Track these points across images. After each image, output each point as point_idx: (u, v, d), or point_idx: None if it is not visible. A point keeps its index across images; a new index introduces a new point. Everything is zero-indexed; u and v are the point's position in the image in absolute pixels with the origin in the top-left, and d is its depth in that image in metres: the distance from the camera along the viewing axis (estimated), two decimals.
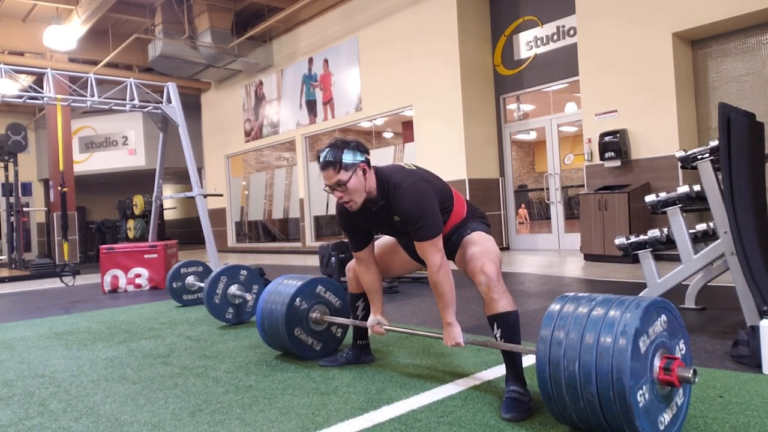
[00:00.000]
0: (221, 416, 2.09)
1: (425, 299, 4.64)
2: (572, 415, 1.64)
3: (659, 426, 1.58)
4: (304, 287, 2.77)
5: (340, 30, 10.76)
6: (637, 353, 1.52)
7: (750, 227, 2.65)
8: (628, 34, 6.82)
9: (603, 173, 7.13)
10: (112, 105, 7.10)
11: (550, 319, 1.71)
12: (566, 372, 1.59)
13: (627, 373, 1.48)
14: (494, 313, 2.10)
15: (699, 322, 3.26)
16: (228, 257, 11.81)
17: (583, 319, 1.63)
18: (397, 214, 2.18)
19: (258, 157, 13.99)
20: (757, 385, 2.14)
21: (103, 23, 11.76)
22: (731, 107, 2.68)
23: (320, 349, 2.83)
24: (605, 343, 1.54)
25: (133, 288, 6.46)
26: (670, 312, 1.68)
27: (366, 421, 1.97)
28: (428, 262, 2.15)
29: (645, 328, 1.56)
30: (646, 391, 1.54)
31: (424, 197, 2.13)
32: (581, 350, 1.58)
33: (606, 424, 1.56)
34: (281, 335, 2.73)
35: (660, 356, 1.59)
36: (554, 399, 1.65)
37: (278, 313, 2.73)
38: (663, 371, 1.57)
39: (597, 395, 1.53)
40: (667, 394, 1.62)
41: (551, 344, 1.66)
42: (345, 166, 2.12)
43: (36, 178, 17.31)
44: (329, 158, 2.12)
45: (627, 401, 1.48)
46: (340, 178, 2.12)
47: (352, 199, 2.17)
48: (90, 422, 2.11)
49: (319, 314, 2.80)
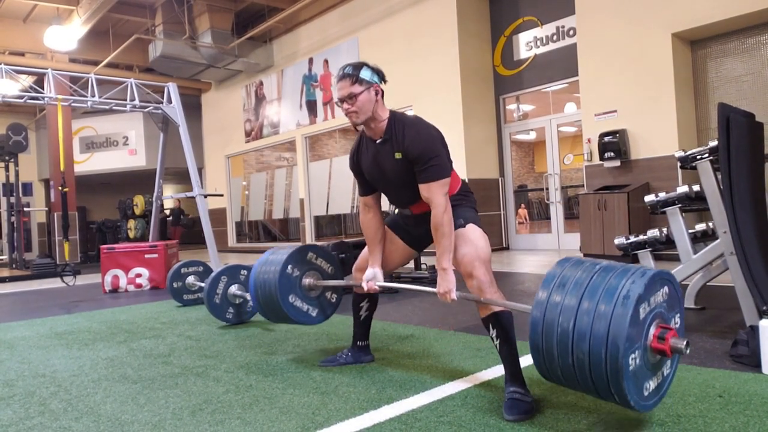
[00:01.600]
0: (222, 416, 2.10)
1: (425, 299, 4.64)
2: (557, 371, 1.64)
3: (644, 392, 1.60)
4: (294, 254, 2.76)
5: (341, 30, 10.77)
6: (636, 318, 1.54)
7: (749, 227, 2.66)
8: (628, 35, 6.82)
9: (602, 173, 7.13)
10: (112, 105, 7.11)
11: (551, 277, 1.72)
12: (560, 328, 1.60)
13: (623, 335, 1.49)
14: (488, 314, 2.11)
15: (698, 322, 3.27)
16: (228, 257, 11.82)
17: (585, 282, 1.64)
18: (408, 151, 2.17)
19: (258, 157, 14.00)
20: (756, 384, 2.14)
21: (104, 24, 11.76)
22: (730, 107, 2.68)
23: (316, 315, 2.81)
24: (605, 305, 1.55)
25: (134, 288, 6.47)
26: (672, 285, 1.71)
27: (366, 420, 1.97)
28: (434, 203, 2.14)
29: (647, 296, 1.58)
30: (638, 356, 1.56)
31: (435, 138, 2.19)
32: (579, 309, 1.59)
33: (591, 384, 1.57)
34: (276, 304, 2.69)
35: (656, 325, 1.62)
36: (542, 353, 1.65)
37: (271, 281, 2.70)
38: (657, 339, 1.59)
39: (588, 353, 1.54)
40: (656, 363, 1.65)
41: (549, 300, 1.66)
42: (360, 80, 2.19)
43: (37, 178, 17.32)
44: (348, 71, 2.21)
45: (618, 362, 1.49)
46: (353, 90, 2.19)
47: (358, 114, 2.21)
48: (90, 422, 2.12)
49: (312, 280, 2.78)
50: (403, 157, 2.19)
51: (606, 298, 1.56)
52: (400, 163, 2.21)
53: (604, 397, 1.61)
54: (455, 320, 3.68)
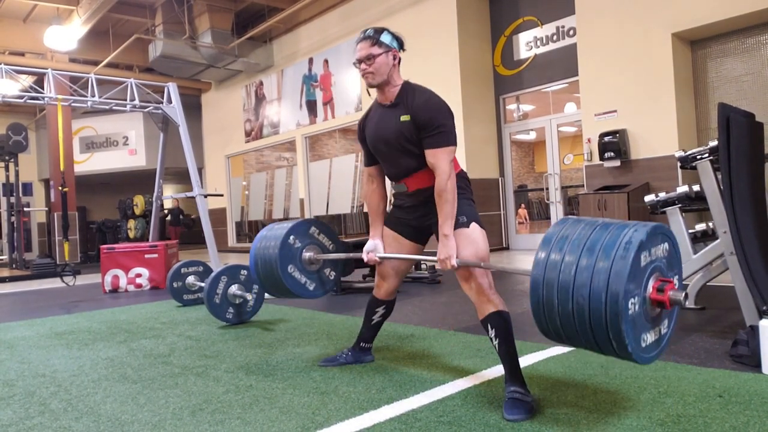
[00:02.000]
0: (222, 416, 2.10)
1: (425, 299, 4.65)
2: (556, 320, 1.63)
3: (641, 342, 1.60)
4: (297, 226, 2.77)
5: (340, 30, 10.77)
6: (637, 265, 1.55)
7: (749, 227, 2.66)
8: (628, 35, 6.82)
9: (602, 173, 7.13)
10: (112, 105, 7.11)
11: (557, 226, 1.74)
12: (561, 276, 1.61)
13: (624, 278, 1.50)
14: (486, 315, 2.11)
15: (698, 322, 3.27)
16: (228, 257, 11.82)
17: (587, 234, 1.66)
18: (417, 115, 2.20)
19: (258, 157, 14.00)
20: (756, 384, 2.14)
21: (104, 23, 11.76)
22: (730, 107, 2.68)
23: (313, 289, 2.79)
24: (607, 252, 1.57)
25: (134, 288, 6.47)
26: (672, 244, 1.72)
27: (366, 420, 1.97)
28: (439, 169, 2.16)
29: (649, 245, 1.60)
30: (637, 303, 1.57)
31: (447, 110, 2.23)
32: (580, 259, 1.60)
33: (590, 331, 1.57)
34: (275, 273, 2.68)
35: (655, 278, 1.63)
36: (543, 303, 1.64)
37: (272, 249, 2.69)
38: (656, 291, 1.61)
39: (588, 297, 1.54)
40: (655, 317, 1.65)
41: (551, 253, 1.67)
42: (380, 43, 2.26)
43: (37, 178, 17.32)
44: (369, 32, 2.29)
45: (618, 305, 1.49)
46: (371, 52, 2.25)
47: (374, 76, 2.28)
48: (90, 422, 2.12)
49: (312, 254, 2.77)
50: (411, 120, 2.22)
51: (608, 245, 1.59)
52: (405, 126, 2.23)
53: (602, 347, 1.59)
54: (455, 320, 3.68)
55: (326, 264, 2.85)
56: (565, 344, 1.73)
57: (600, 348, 1.61)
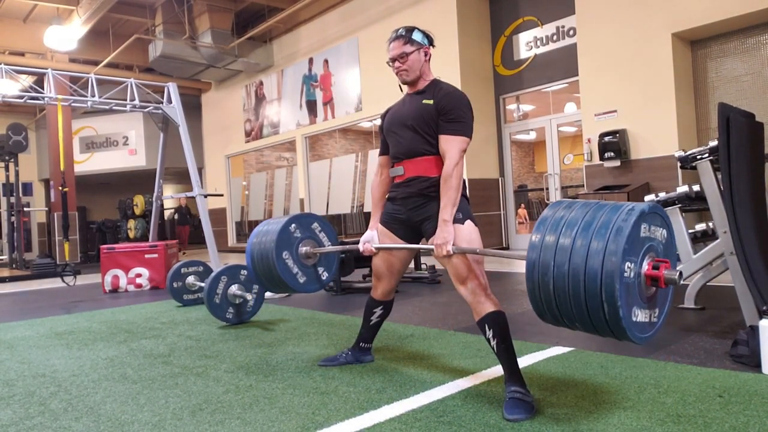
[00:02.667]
0: (222, 416, 2.10)
1: (425, 299, 4.65)
2: (550, 285, 1.62)
3: (632, 315, 1.59)
4: (301, 216, 2.79)
5: (340, 30, 10.77)
6: (637, 232, 1.57)
7: (749, 227, 2.66)
8: (628, 35, 6.82)
9: (602, 173, 7.13)
10: (112, 105, 7.11)
11: (554, 206, 1.76)
12: (560, 239, 1.63)
13: (624, 236, 1.52)
14: (482, 316, 2.11)
15: (698, 322, 3.27)
16: (228, 257, 11.82)
17: (590, 205, 1.68)
18: (441, 101, 2.25)
19: (258, 157, 14.00)
20: (756, 384, 2.14)
21: (104, 23, 11.76)
22: (730, 107, 2.68)
23: (303, 282, 2.77)
24: (610, 214, 1.59)
25: (134, 288, 6.47)
26: (670, 234, 1.74)
27: (366, 420, 1.98)
28: (449, 155, 2.22)
29: (649, 219, 1.62)
30: (633, 270, 1.57)
31: (469, 107, 2.29)
32: (582, 222, 1.62)
33: (583, 292, 1.56)
34: (269, 257, 2.67)
35: (651, 257, 1.64)
36: (539, 267, 1.64)
37: (271, 235, 2.70)
38: (651, 268, 1.62)
39: (586, 257, 1.55)
40: (650, 297, 1.65)
41: (554, 215, 1.69)
42: (412, 41, 2.35)
43: (37, 178, 17.32)
44: (402, 32, 2.38)
45: (616, 259, 1.50)
46: (404, 50, 2.34)
47: (408, 73, 2.36)
48: (90, 422, 2.12)
49: (309, 248, 2.77)
50: (434, 104, 2.27)
51: (612, 210, 1.61)
52: (427, 108, 2.29)
53: (594, 316, 1.57)
54: (455, 320, 3.68)
55: (321, 262, 2.85)
56: (559, 324, 1.72)
57: (591, 319, 1.58)
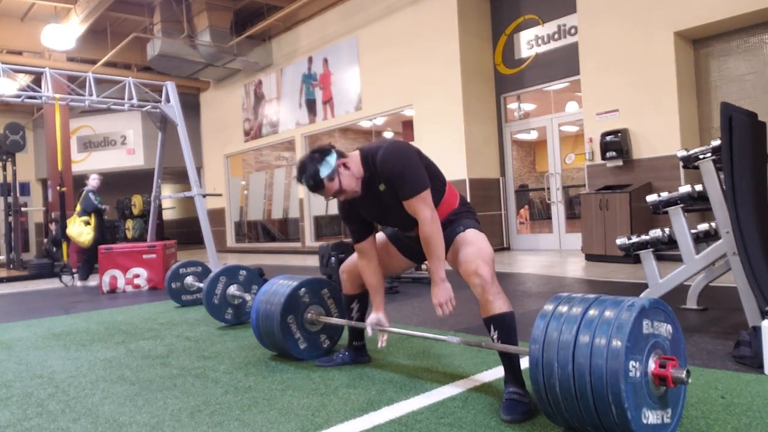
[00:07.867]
0: (220, 417, 2.08)
1: (425, 299, 4.62)
2: (556, 386, 1.62)
3: (642, 417, 1.55)
4: (313, 281, 2.81)
5: (340, 29, 10.74)
6: (639, 329, 1.56)
7: (752, 227, 2.64)
8: (630, 33, 6.80)
9: (604, 173, 7.11)
10: (110, 104, 7.08)
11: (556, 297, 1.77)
12: (562, 336, 1.63)
13: (626, 333, 1.51)
14: (490, 315, 2.09)
15: (701, 323, 3.25)
16: (227, 257, 11.80)
17: (590, 300, 1.69)
18: (381, 178, 2.19)
19: (257, 156, 13.97)
20: (759, 385, 2.12)
21: (102, 22, 11.73)
22: (733, 107, 2.67)
23: (303, 348, 2.80)
24: (611, 309, 1.60)
25: (132, 288, 6.44)
26: (675, 328, 1.70)
27: (366, 422, 1.96)
28: (419, 217, 2.17)
29: (651, 315, 1.61)
30: (638, 368, 1.55)
31: (403, 153, 2.18)
32: (584, 318, 1.62)
33: (590, 393, 1.54)
34: (274, 318, 2.71)
35: (657, 354, 1.62)
36: (542, 365, 1.65)
37: (279, 297, 2.73)
38: (658, 366, 1.59)
39: (590, 355, 1.54)
40: (660, 396, 1.61)
41: (554, 311, 1.70)
42: (329, 178, 2.17)
43: (34, 177, 17.28)
44: (312, 185, 2.19)
45: (618, 358, 1.49)
46: (332, 188, 2.19)
47: (352, 190, 2.23)
48: (88, 423, 2.10)
49: (314, 315, 2.81)
50: (385, 185, 2.21)
51: (613, 306, 1.61)
52: (388, 191, 2.22)
53: (605, 420, 1.54)
54: (455, 321, 3.66)
55: (325, 329, 2.88)
56: (571, 428, 1.70)
57: (602, 423, 1.55)
